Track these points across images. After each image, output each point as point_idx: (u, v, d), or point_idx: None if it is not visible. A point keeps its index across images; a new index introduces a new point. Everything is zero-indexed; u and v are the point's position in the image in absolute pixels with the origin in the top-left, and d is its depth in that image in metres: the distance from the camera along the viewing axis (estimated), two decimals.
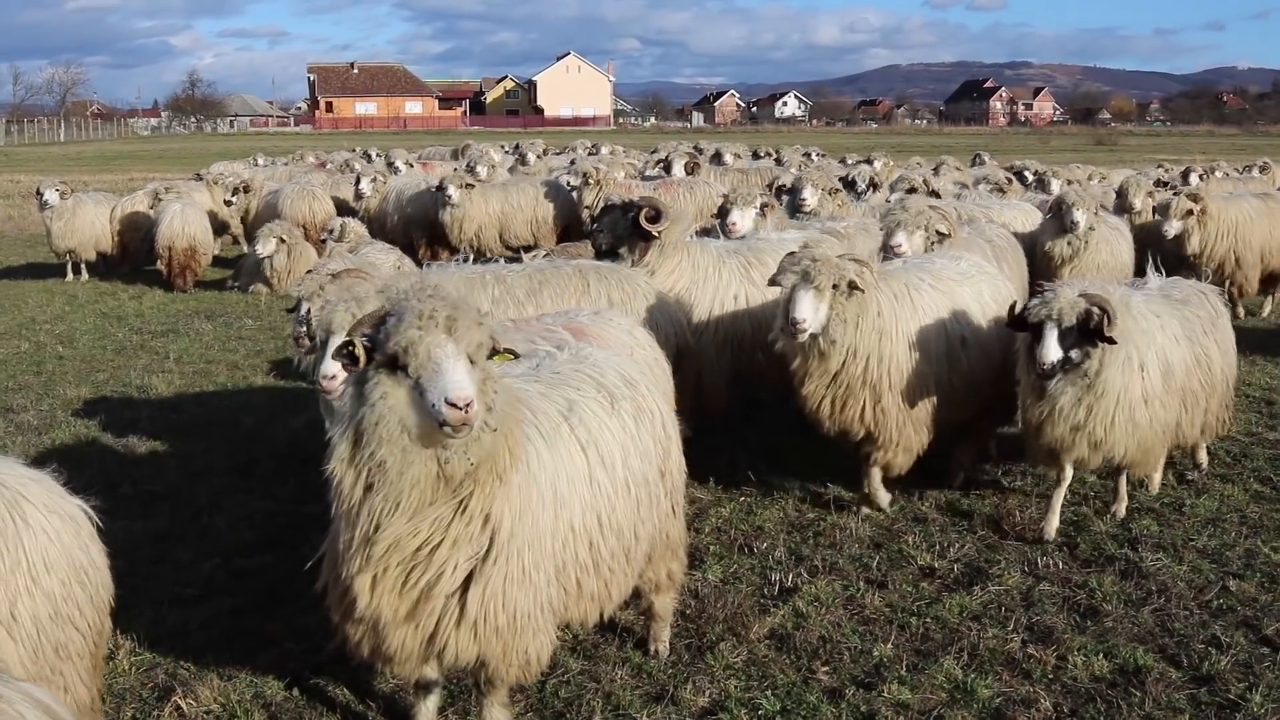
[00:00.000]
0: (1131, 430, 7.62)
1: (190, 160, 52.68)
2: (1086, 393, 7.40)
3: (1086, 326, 7.15)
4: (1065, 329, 7.17)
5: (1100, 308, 7.13)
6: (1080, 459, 7.75)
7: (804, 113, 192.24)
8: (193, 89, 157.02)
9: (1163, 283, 8.77)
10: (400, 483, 4.43)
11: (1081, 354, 7.27)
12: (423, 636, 4.79)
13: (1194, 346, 8.24)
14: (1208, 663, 6.19)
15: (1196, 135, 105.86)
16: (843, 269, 7.57)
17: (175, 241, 18.47)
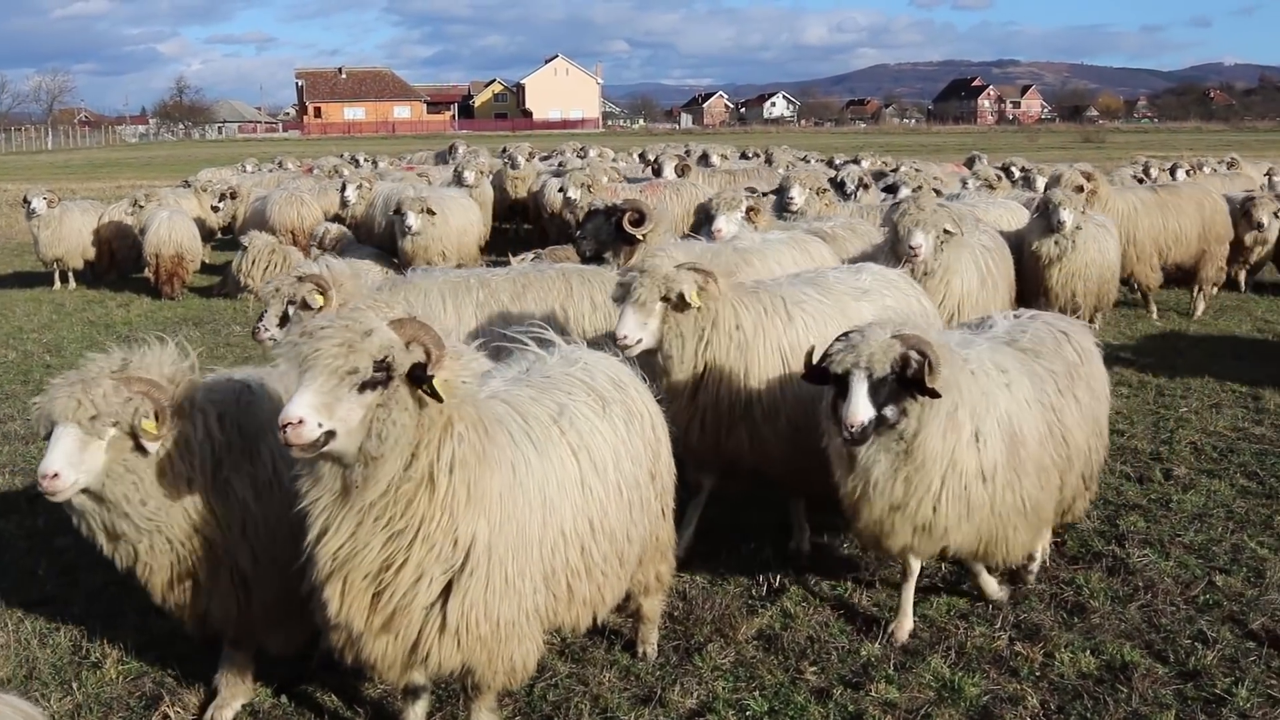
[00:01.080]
0: (966, 513, 6.08)
1: (178, 167, 52.63)
2: (903, 461, 5.88)
3: (903, 376, 5.69)
4: (878, 380, 5.67)
5: (919, 351, 5.67)
6: (907, 546, 6.21)
7: (792, 113, 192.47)
8: (180, 96, 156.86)
9: (1012, 325, 7.03)
10: (316, 490, 4.61)
11: (897, 411, 5.75)
12: (405, 646, 4.80)
13: (1047, 412, 6.56)
14: (1194, 658, 6.21)
15: (1184, 132, 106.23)
16: (672, 282, 6.88)
17: (162, 249, 18.44)
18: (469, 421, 4.70)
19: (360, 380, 4.40)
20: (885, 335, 5.74)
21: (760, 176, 20.87)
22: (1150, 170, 22.44)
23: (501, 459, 4.89)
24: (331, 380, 4.37)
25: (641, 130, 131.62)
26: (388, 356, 4.43)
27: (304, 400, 4.34)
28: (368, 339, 4.43)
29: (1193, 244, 15.36)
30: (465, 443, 4.64)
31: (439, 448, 4.58)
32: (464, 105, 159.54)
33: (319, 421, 4.32)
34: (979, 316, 7.48)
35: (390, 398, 4.45)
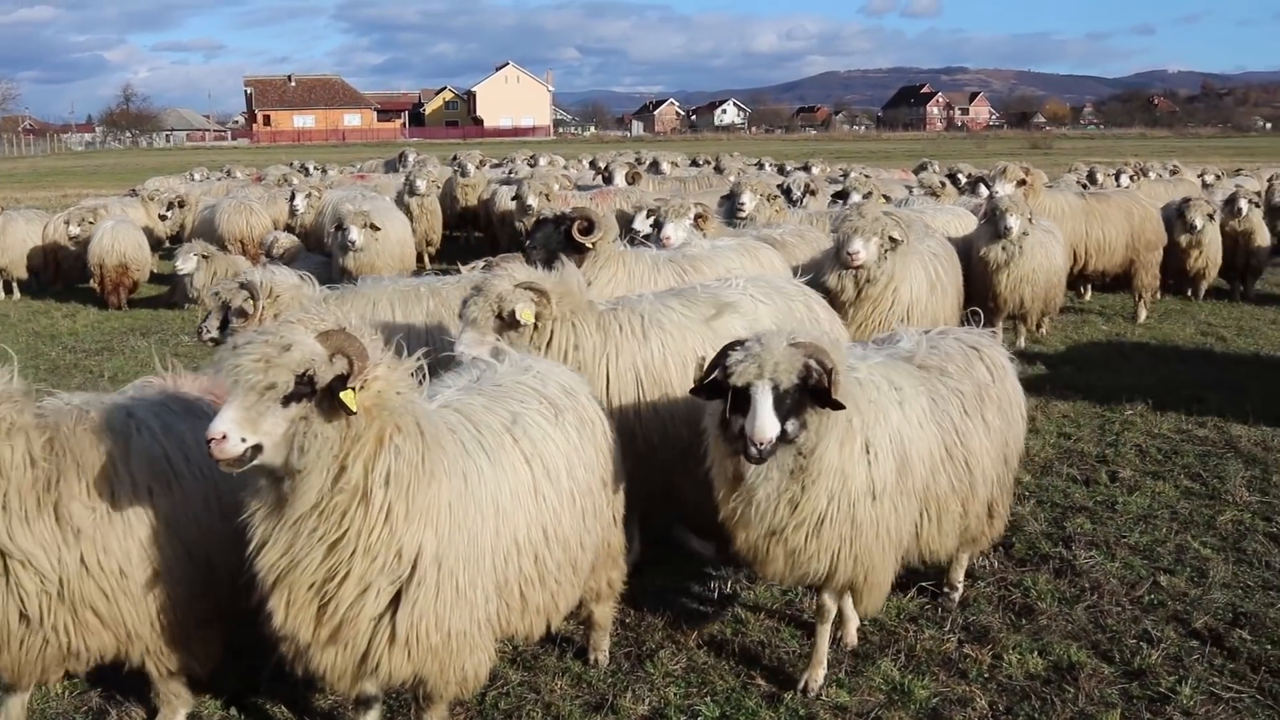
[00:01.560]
0: (849, 534, 5.66)
1: (125, 176, 52.07)
2: (793, 480, 5.47)
3: (805, 387, 5.28)
4: (783, 391, 5.22)
5: (818, 360, 5.28)
6: (779, 574, 5.78)
7: (743, 120, 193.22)
8: (127, 103, 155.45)
9: (918, 341, 6.61)
10: (254, 502, 4.65)
11: (798, 425, 5.32)
12: (354, 657, 4.80)
13: (946, 434, 6.15)
14: (1139, 657, 6.30)
15: (1129, 138, 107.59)
16: (505, 301, 6.75)
17: (106, 259, 18.23)
18: (407, 433, 4.69)
19: (281, 395, 4.41)
20: (783, 343, 5.32)
21: (710, 183, 20.94)
22: (1096, 176, 22.68)
23: (452, 468, 4.89)
24: (252, 395, 4.39)
25: (593, 137, 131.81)
26: (309, 370, 4.43)
27: (226, 415, 4.38)
28: (286, 354, 4.44)
29: (1119, 252, 15.53)
30: (402, 456, 4.64)
31: (372, 461, 4.57)
32: (415, 113, 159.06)
33: (242, 436, 4.36)
34: (887, 333, 7.05)
35: (312, 411, 4.46)
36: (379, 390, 4.59)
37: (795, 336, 5.40)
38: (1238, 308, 17.16)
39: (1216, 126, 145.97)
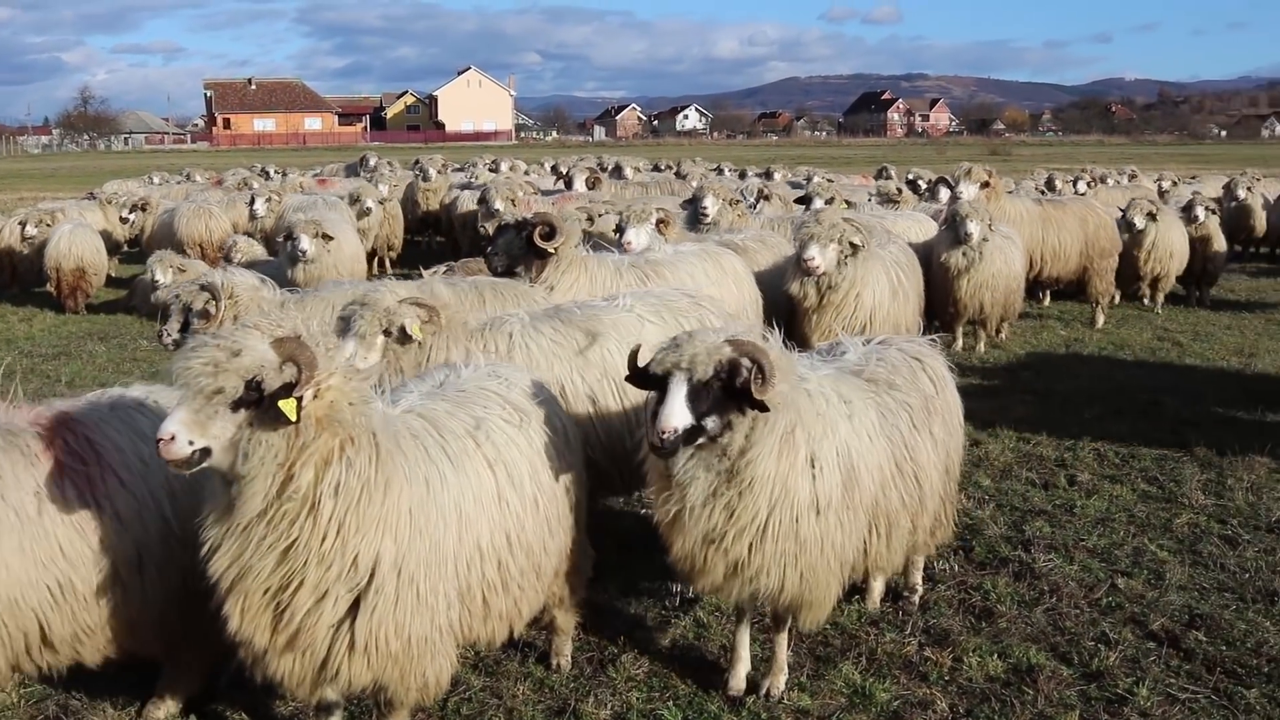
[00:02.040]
0: (793, 550, 5.47)
1: (83, 179, 51.61)
2: (725, 483, 5.26)
3: (731, 384, 5.11)
4: (699, 383, 5.05)
5: (752, 358, 5.10)
6: (717, 586, 5.58)
7: (705, 125, 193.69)
8: (85, 106, 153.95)
9: (864, 352, 6.47)
10: (208, 505, 4.69)
11: (720, 424, 5.13)
12: (313, 663, 4.79)
13: (896, 449, 6.03)
14: (1097, 659, 6.35)
15: (1087, 145, 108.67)
16: (394, 315, 6.81)
17: (63, 262, 18.04)
18: (360, 445, 4.68)
19: (230, 399, 4.42)
20: (716, 338, 5.19)
21: (673, 189, 20.98)
22: (1055, 183, 22.87)
23: (413, 475, 4.89)
24: (200, 399, 4.42)
25: (555, 142, 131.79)
26: (258, 376, 4.44)
27: (176, 417, 4.42)
28: (236, 359, 4.45)
29: (1073, 259, 15.66)
30: (353, 468, 4.62)
31: (322, 470, 4.56)
32: (376, 117, 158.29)
33: (189, 439, 4.40)
34: (831, 342, 6.84)
35: (258, 417, 4.45)
36: (331, 401, 4.58)
37: (736, 333, 5.28)
38: (1194, 313, 17.36)
39: (1172, 134, 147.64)
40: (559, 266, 8.81)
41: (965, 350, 14.20)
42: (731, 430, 5.16)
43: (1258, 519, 8.44)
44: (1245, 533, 8.19)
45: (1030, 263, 15.20)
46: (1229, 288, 19.56)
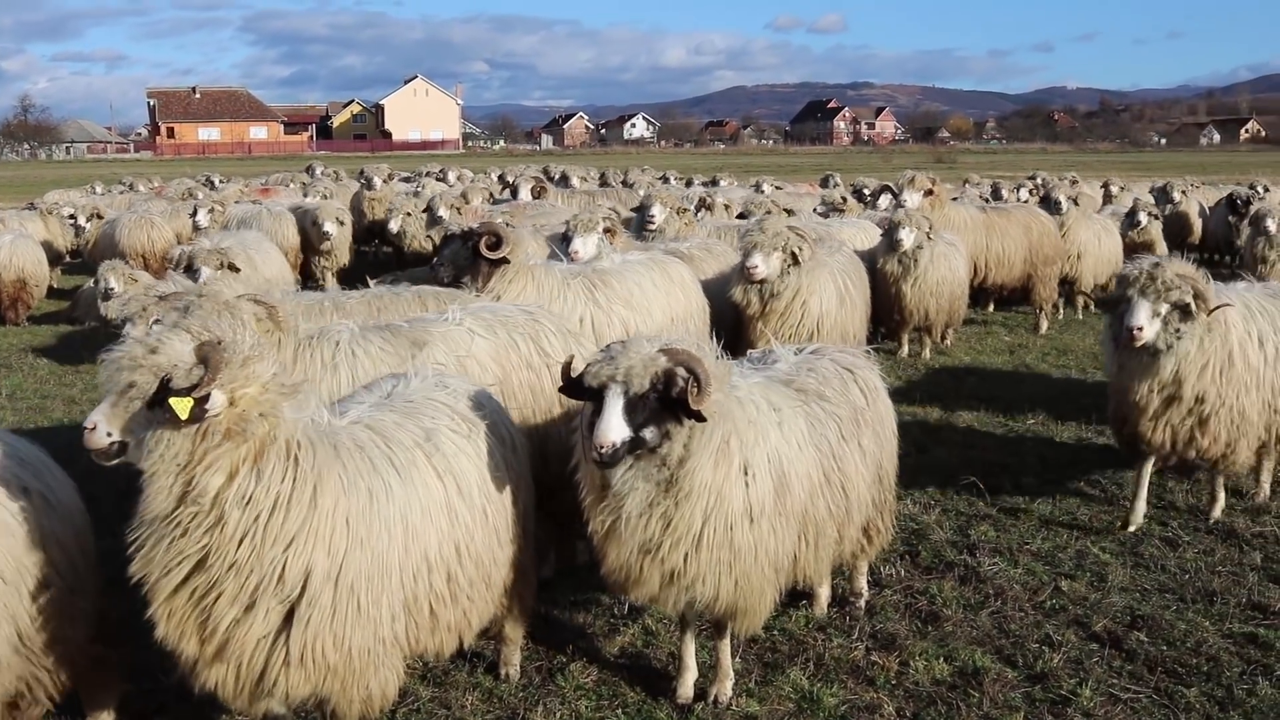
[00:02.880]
0: (727, 558, 5.50)
1: (23, 188, 50.88)
2: (663, 493, 5.29)
3: (667, 395, 5.13)
4: (635, 396, 5.08)
5: (687, 368, 5.13)
6: (653, 596, 5.60)
7: (652, 134, 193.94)
8: (25, 114, 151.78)
9: (796, 362, 6.48)
10: (139, 504, 4.65)
11: (658, 434, 5.17)
12: (250, 675, 4.75)
13: (824, 458, 6.03)
14: (1041, 661, 6.42)
15: (1030, 153, 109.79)
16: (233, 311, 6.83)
17: (4, 274, 17.80)
18: (276, 456, 4.65)
19: (142, 395, 4.47)
20: (650, 349, 5.21)
21: (620, 198, 21.01)
22: (1001, 192, 23.08)
23: (354, 485, 4.88)
24: (115, 393, 4.53)
25: (502, 151, 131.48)
26: (169, 374, 4.47)
27: (99, 410, 4.56)
28: (151, 356, 4.53)
29: (1017, 266, 15.83)
30: (262, 481, 4.60)
31: (230, 479, 4.55)
32: (322, 126, 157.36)
33: (108, 431, 4.53)
34: (763, 350, 6.87)
35: (164, 415, 4.45)
36: (241, 411, 4.56)
37: (670, 343, 5.29)
38: None
39: (1114, 142, 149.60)
40: (505, 276, 8.79)
41: (911, 356, 14.32)
42: (670, 440, 5.19)
43: (1197, 521, 8.56)
44: (1185, 534, 8.31)
45: (975, 269, 15.34)
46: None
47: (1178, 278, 7.61)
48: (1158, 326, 7.62)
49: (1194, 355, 7.72)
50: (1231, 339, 7.95)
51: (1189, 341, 7.68)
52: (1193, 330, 7.67)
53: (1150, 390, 7.82)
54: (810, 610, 7.08)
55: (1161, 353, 7.69)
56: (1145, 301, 7.56)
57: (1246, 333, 8.13)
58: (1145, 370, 7.80)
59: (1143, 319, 7.54)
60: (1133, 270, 7.73)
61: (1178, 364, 7.72)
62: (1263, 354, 8.20)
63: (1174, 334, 7.66)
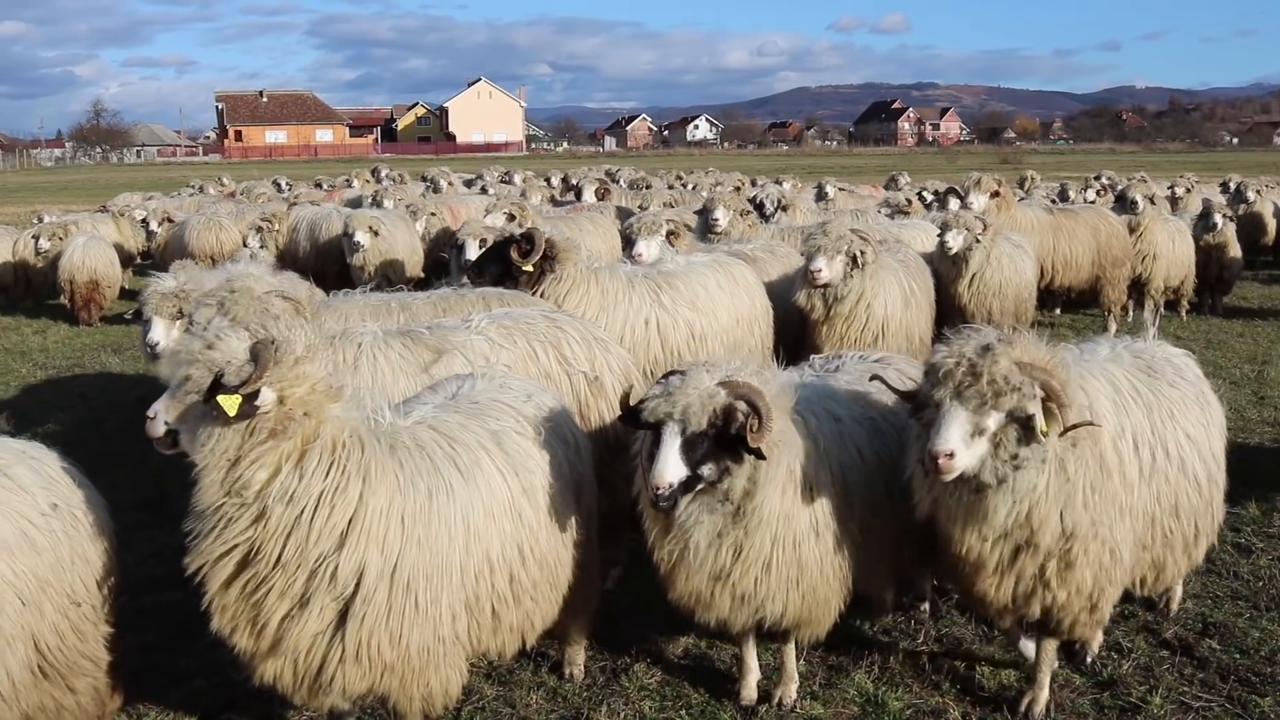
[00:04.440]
0: (797, 574, 5.53)
1: (96, 191, 51.79)
2: (731, 524, 5.27)
3: (725, 431, 5.02)
4: (693, 435, 4.99)
5: (749, 402, 5.04)
6: (723, 619, 5.64)
7: (715, 135, 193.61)
8: (98, 119, 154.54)
9: (860, 370, 6.38)
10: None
11: (717, 469, 5.09)
12: (309, 670, 4.83)
13: (886, 469, 5.86)
14: (1110, 667, 6.35)
15: (1098, 153, 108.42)
16: (265, 304, 7.11)
17: (76, 275, 18.17)
18: (318, 455, 4.71)
19: (198, 388, 4.60)
20: (709, 382, 5.07)
21: (684, 200, 20.99)
22: (1068, 192, 22.80)
23: (412, 486, 4.93)
24: (174, 386, 4.71)
25: (565, 153, 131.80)
26: (222, 370, 4.59)
27: (160, 400, 4.76)
28: (207, 351, 4.68)
29: (1084, 268, 15.62)
30: (304, 479, 4.65)
31: (274, 475, 4.62)
32: (387, 128, 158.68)
33: (165, 420, 4.74)
34: (828, 356, 6.81)
35: (214, 410, 4.57)
36: (289, 409, 4.65)
37: (732, 374, 5.20)
38: (1206, 321, 17.33)
39: (1184, 141, 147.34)
40: (561, 283, 8.74)
41: None
42: (731, 476, 5.16)
43: (1271, 527, 8.41)
44: (1259, 541, 8.17)
45: (1042, 272, 15.17)
46: (1241, 295, 19.50)
47: (1017, 371, 4.98)
48: (982, 450, 5.02)
49: (1048, 489, 5.16)
50: (1103, 441, 5.49)
51: (1033, 473, 5.08)
52: (1039, 455, 5.07)
53: (984, 540, 5.30)
54: (875, 614, 7.03)
55: (990, 488, 5.09)
56: (963, 410, 4.96)
57: (1120, 427, 5.68)
58: (969, 513, 5.23)
59: (954, 439, 4.93)
60: (946, 358, 5.07)
61: (1018, 506, 5.15)
62: (1138, 461, 5.74)
63: (1008, 462, 5.05)
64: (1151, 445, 5.82)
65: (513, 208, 15.60)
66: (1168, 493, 5.88)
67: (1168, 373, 6.25)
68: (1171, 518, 5.94)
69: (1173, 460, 5.90)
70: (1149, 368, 6.20)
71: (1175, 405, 6.03)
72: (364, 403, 5.08)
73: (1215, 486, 6.26)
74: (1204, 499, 6.12)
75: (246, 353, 4.64)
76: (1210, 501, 6.21)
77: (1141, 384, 6.01)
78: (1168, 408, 5.99)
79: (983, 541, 5.31)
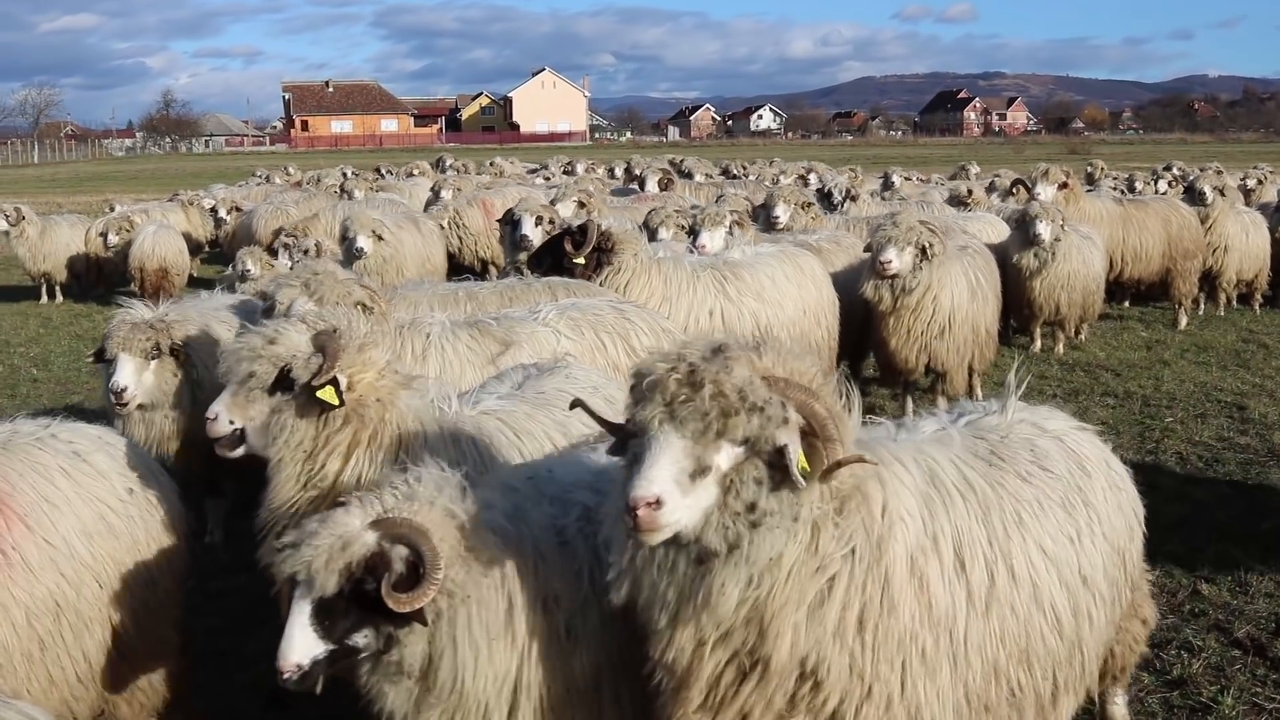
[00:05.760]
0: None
1: (165, 181, 52.51)
2: (429, 699, 3.92)
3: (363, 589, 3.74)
4: (329, 598, 3.74)
5: (410, 546, 3.78)
6: None
7: (779, 125, 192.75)
8: (168, 109, 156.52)
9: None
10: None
11: (379, 638, 3.80)
12: None
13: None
14: (1180, 666, 6.26)
15: (1169, 143, 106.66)
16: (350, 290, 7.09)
17: (146, 262, 18.46)
18: (385, 440, 4.74)
19: (263, 384, 4.65)
20: (356, 524, 3.79)
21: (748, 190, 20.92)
22: (1135, 184, 22.48)
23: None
24: (236, 383, 4.72)
25: (629, 143, 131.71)
26: (288, 364, 4.64)
27: (220, 399, 4.77)
28: (270, 347, 4.72)
29: (1155, 260, 15.41)
30: (375, 463, 4.71)
31: (346, 462, 4.68)
32: (451, 118, 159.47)
33: (229, 419, 4.74)
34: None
35: (288, 403, 4.62)
36: (359, 395, 4.70)
37: (398, 509, 3.90)
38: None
39: (1259, 131, 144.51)
40: (621, 273, 8.71)
41: (1043, 351, 14.05)
42: (400, 645, 3.82)
43: None
44: None
45: (1111, 264, 14.97)
46: None
47: (762, 386, 3.46)
48: (706, 499, 3.43)
49: (793, 571, 3.54)
50: (893, 553, 3.74)
51: (777, 536, 3.49)
52: (789, 510, 3.49)
53: (700, 640, 3.62)
54: None
55: (717, 557, 3.47)
56: (677, 438, 3.40)
57: (932, 535, 3.88)
58: (683, 596, 3.58)
59: (662, 479, 3.35)
60: (658, 362, 3.53)
61: (755, 588, 3.53)
62: (964, 585, 3.93)
63: (742, 516, 3.45)
64: (989, 562, 4.01)
65: (582, 195, 15.54)
66: (1015, 631, 4.03)
67: (1021, 461, 4.38)
68: (1021, 668, 4.06)
69: (1021, 585, 4.06)
70: (992, 452, 4.36)
71: (1027, 507, 4.22)
72: (423, 391, 5.13)
73: (1087, 623, 4.33)
74: (1066, 642, 4.22)
75: (310, 344, 4.68)
76: (1077, 645, 4.29)
77: (976, 475, 4.18)
78: (1014, 510, 4.17)
79: (698, 643, 3.61)
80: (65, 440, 5.13)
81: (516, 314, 7.51)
